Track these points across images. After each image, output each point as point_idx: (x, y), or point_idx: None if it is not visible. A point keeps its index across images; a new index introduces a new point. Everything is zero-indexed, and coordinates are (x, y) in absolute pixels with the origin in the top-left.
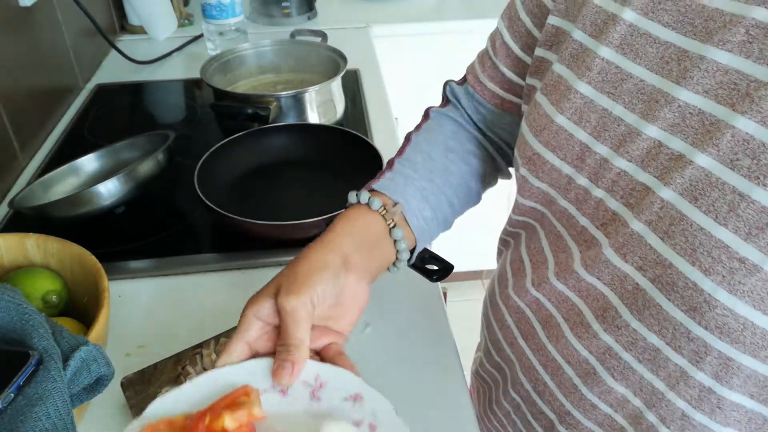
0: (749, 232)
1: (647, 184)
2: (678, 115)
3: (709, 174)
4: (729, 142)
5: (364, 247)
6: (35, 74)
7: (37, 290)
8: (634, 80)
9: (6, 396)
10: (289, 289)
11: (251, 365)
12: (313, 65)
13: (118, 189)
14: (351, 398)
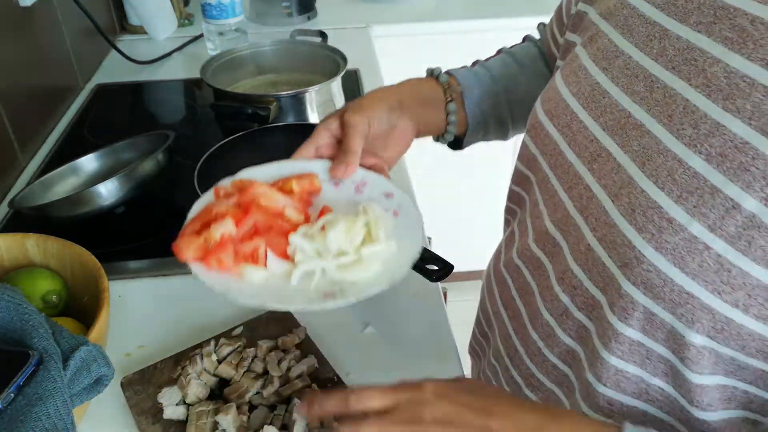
0: (680, 195)
1: (610, 151)
2: (647, 88)
3: (658, 142)
4: (680, 114)
5: (420, 101)
6: (35, 74)
7: (37, 290)
8: (624, 57)
9: (6, 396)
10: (353, 110)
11: (316, 163)
12: (313, 65)
13: (118, 189)
14: (384, 194)
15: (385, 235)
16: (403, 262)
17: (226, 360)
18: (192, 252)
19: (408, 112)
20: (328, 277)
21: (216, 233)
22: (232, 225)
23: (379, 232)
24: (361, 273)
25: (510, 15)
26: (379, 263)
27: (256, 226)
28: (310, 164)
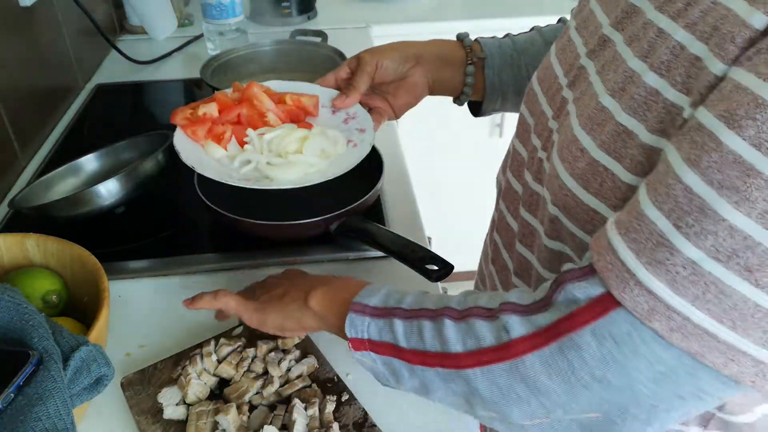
0: (591, 128)
1: (567, 99)
2: (597, 44)
3: (591, 85)
4: (610, 61)
5: (440, 59)
6: (35, 74)
7: (37, 290)
8: (596, 23)
9: (6, 396)
10: (369, 51)
11: (325, 90)
12: (313, 65)
13: (118, 189)
14: (358, 129)
15: (312, 152)
16: (319, 177)
17: (226, 360)
18: (179, 119)
19: (423, 67)
20: (259, 168)
21: (200, 110)
22: (215, 108)
23: (307, 148)
24: (280, 173)
25: (510, 15)
26: (299, 171)
27: (240, 117)
28: (321, 90)
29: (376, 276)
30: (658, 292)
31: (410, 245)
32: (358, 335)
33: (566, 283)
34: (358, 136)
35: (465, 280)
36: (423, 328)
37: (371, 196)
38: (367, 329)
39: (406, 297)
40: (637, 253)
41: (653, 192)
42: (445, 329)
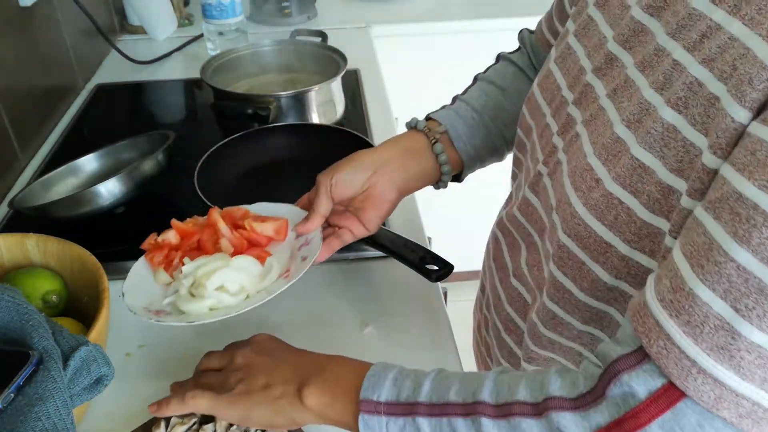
0: (607, 158)
1: (574, 118)
2: (604, 61)
3: (603, 109)
4: (621, 86)
5: (402, 156)
6: (35, 74)
7: (37, 290)
8: (600, 35)
9: (6, 396)
10: (326, 170)
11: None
12: (313, 65)
13: (118, 189)
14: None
15: (213, 287)
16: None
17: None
18: (146, 245)
19: (385, 174)
20: (176, 299)
21: (161, 237)
22: (174, 235)
23: (211, 282)
24: (191, 306)
25: (510, 15)
26: (207, 305)
27: (200, 242)
28: (296, 212)
29: (376, 276)
30: (724, 379)
31: (410, 245)
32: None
33: (621, 374)
34: (294, 267)
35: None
36: (456, 429)
37: None
38: (386, 429)
39: (421, 386)
40: (695, 339)
41: (700, 269)
42: (484, 430)
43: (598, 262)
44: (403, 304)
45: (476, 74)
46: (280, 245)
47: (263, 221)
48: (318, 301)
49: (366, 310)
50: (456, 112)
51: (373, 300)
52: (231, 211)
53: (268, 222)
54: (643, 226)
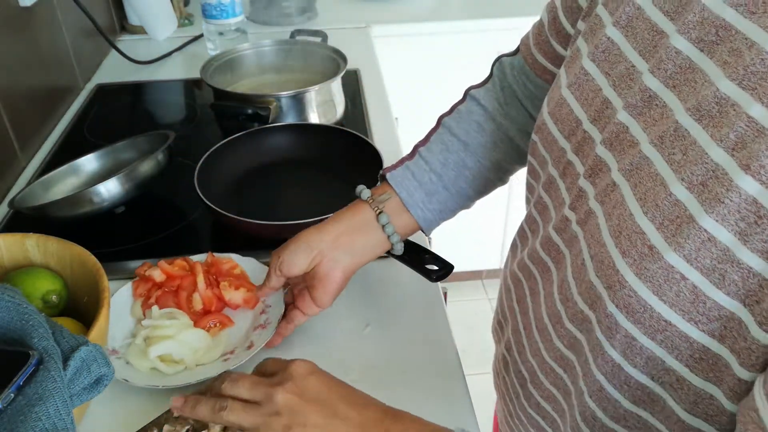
0: (662, 222)
1: (609, 166)
2: (645, 103)
3: (650, 164)
4: (671, 137)
5: (348, 233)
6: (35, 74)
7: (37, 290)
8: (627, 64)
9: (6, 396)
10: (279, 248)
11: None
12: (313, 65)
13: (118, 189)
14: (261, 326)
15: (154, 353)
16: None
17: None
18: (139, 271)
19: (329, 254)
20: (131, 347)
21: (148, 272)
22: (159, 274)
23: (150, 348)
24: (136, 362)
25: (510, 15)
26: (148, 365)
27: (179, 287)
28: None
29: (376, 276)
30: None
31: (410, 245)
32: None
33: None
34: (255, 337)
35: (465, 280)
36: None
37: None
38: None
39: None
40: None
41: None
42: None
43: (653, 339)
44: (403, 304)
45: (440, 115)
46: (238, 312)
47: (238, 287)
48: None
49: (366, 310)
50: (413, 175)
51: (373, 300)
52: (220, 261)
53: (241, 290)
54: (714, 308)
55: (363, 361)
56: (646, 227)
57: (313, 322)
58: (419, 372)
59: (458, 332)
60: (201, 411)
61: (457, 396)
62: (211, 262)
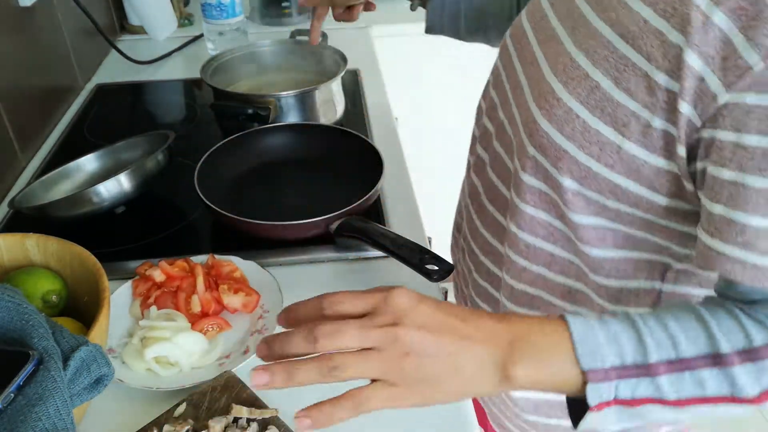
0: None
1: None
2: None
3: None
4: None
5: None
6: (35, 74)
7: (37, 290)
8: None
9: (6, 396)
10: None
11: (272, 286)
12: (313, 65)
13: (118, 189)
14: (252, 332)
15: (150, 355)
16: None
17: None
18: (139, 270)
19: None
20: (127, 347)
21: (149, 271)
22: (160, 274)
23: (146, 350)
24: (131, 362)
25: None
26: (144, 367)
27: (178, 288)
28: (275, 289)
29: (376, 276)
30: None
31: (410, 245)
32: (603, 400)
33: None
34: (251, 342)
35: None
36: (703, 381)
37: (371, 196)
38: (615, 391)
39: (645, 346)
40: None
41: None
42: (735, 375)
43: (555, 167)
44: None
45: None
46: (236, 316)
47: (237, 291)
48: None
49: None
50: None
51: None
52: (220, 264)
53: (240, 294)
54: (595, 134)
55: None
56: (557, 87)
57: None
58: None
59: None
60: (306, 377)
61: None
62: (211, 264)
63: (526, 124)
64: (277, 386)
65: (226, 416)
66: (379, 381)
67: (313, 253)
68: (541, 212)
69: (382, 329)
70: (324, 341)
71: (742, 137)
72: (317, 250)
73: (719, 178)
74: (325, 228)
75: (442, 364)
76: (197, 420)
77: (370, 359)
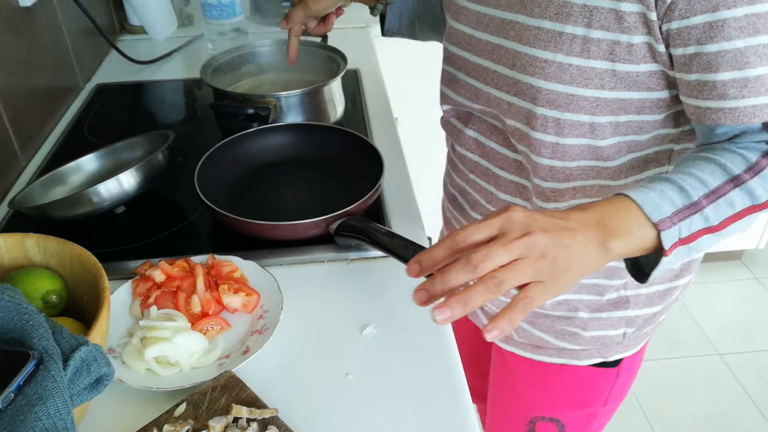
0: (546, 46)
1: (507, 47)
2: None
3: (527, 27)
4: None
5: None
6: (35, 74)
7: (37, 290)
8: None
9: (6, 396)
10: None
11: (272, 286)
12: (313, 65)
13: (118, 189)
14: (247, 334)
15: (150, 355)
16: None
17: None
18: (139, 270)
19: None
20: (127, 347)
21: (149, 271)
22: (160, 274)
23: (146, 350)
24: (131, 361)
25: None
26: (143, 367)
27: (178, 288)
28: (274, 289)
29: (376, 276)
30: None
31: (410, 245)
32: (672, 242)
33: None
34: (251, 342)
35: None
36: (733, 199)
37: (371, 196)
38: (678, 233)
39: (686, 190)
40: None
41: None
42: (753, 189)
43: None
44: (403, 304)
45: None
46: (236, 316)
47: (238, 291)
48: (318, 301)
49: (366, 310)
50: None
51: (373, 300)
52: (220, 264)
53: (240, 294)
54: None
55: (362, 361)
56: (537, 53)
57: (312, 322)
58: (419, 372)
59: None
60: (480, 298)
61: (456, 396)
62: (211, 264)
63: (521, 93)
64: (458, 316)
65: (226, 416)
66: (531, 283)
67: (313, 253)
68: (555, 161)
69: (519, 240)
70: (483, 265)
71: (691, 20)
72: (317, 250)
73: (685, 54)
74: (325, 228)
75: (567, 255)
76: (197, 420)
77: (520, 267)
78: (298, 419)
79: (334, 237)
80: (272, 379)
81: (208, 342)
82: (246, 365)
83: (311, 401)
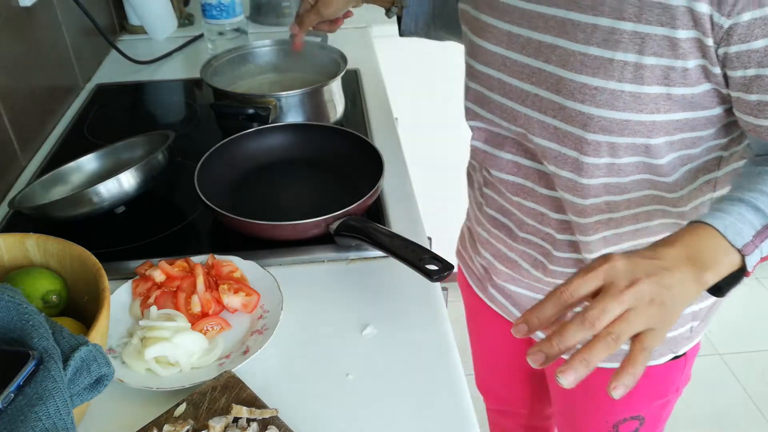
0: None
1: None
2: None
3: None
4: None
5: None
6: (35, 74)
7: (37, 290)
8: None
9: (6, 396)
10: None
11: (272, 286)
12: (313, 65)
13: (118, 189)
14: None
15: (150, 355)
16: (155, 383)
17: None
18: (139, 269)
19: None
20: (127, 347)
21: (149, 271)
22: (160, 274)
23: (146, 350)
24: (131, 361)
25: None
26: (143, 367)
27: (178, 288)
28: (274, 290)
29: (376, 276)
30: None
31: (410, 245)
32: (755, 262)
33: None
34: (251, 342)
35: None
36: None
37: (371, 195)
38: (760, 253)
39: (762, 210)
40: None
41: None
42: None
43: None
44: (403, 304)
45: None
46: (235, 315)
47: (237, 291)
48: (318, 301)
49: (366, 310)
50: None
51: (373, 300)
52: (220, 264)
53: (240, 294)
54: None
55: (362, 361)
56: (584, 80)
57: (313, 322)
58: (419, 372)
59: (458, 332)
60: (600, 355)
61: (457, 396)
62: (211, 264)
63: (569, 119)
64: (583, 377)
65: (226, 416)
66: (644, 332)
67: (313, 253)
68: (602, 179)
69: (629, 291)
70: (598, 322)
71: (751, 45)
72: (317, 250)
73: (745, 76)
74: (325, 228)
75: (671, 297)
76: (197, 420)
77: (634, 318)
78: (298, 419)
79: (334, 237)
80: (272, 379)
81: (208, 342)
82: (246, 365)
83: (311, 401)
